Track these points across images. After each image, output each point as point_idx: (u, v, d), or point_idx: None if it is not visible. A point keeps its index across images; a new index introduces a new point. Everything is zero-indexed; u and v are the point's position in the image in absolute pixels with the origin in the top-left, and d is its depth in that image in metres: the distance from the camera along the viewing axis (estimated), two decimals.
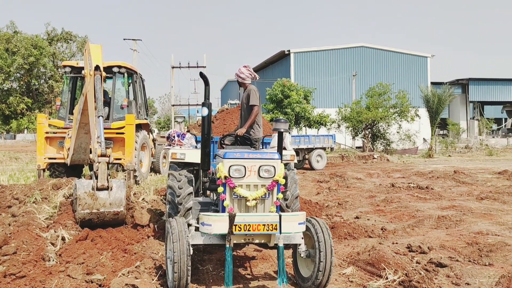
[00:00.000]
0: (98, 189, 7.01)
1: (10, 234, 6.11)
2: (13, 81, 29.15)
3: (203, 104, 5.15)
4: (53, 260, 5.40)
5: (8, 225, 6.54)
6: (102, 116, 7.51)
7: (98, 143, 7.17)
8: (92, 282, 4.64)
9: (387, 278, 4.81)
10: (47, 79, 30.06)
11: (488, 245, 6.04)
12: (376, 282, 4.79)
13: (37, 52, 27.40)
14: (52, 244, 5.94)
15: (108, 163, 7.18)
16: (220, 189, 4.51)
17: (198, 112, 54.09)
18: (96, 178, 7.02)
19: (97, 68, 7.83)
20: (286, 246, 5.29)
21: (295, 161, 6.36)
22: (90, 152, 9.81)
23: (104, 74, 8.02)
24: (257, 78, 6.44)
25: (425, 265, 5.21)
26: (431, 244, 6.22)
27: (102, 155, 7.09)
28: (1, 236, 5.96)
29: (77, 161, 10.44)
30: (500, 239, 6.36)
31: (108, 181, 7.10)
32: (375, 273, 5.09)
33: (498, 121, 54.67)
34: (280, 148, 5.12)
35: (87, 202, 6.99)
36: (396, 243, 6.41)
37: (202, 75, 5.26)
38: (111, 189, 7.12)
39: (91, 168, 12.62)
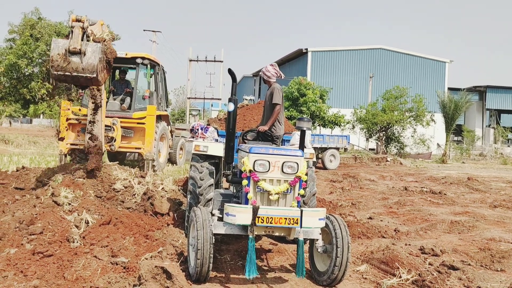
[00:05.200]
0: (71, 52, 6.83)
1: (36, 215, 6.35)
2: (35, 67, 29.71)
3: (230, 100, 5.33)
4: (77, 242, 5.61)
5: (34, 207, 6.76)
6: None
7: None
8: (117, 264, 4.85)
9: (400, 277, 4.95)
10: None
11: (501, 251, 6.13)
12: (390, 280, 4.94)
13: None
14: (76, 226, 6.15)
15: (82, 28, 6.92)
16: (245, 182, 4.69)
17: (212, 106, 54.35)
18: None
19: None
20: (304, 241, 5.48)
21: (314, 159, 6.52)
22: (106, 142, 9.94)
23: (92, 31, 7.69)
24: (283, 77, 6.59)
25: (438, 267, 5.33)
26: (444, 248, 6.33)
27: (77, 20, 6.92)
28: (28, 217, 6.21)
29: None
30: None
31: (81, 45, 6.85)
32: (388, 271, 5.24)
33: None
34: (302, 145, 5.28)
35: (60, 65, 6.83)
36: (409, 244, 6.53)
37: (230, 71, 5.44)
38: (84, 54, 6.89)
39: (109, 156, 12.91)
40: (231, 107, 5.28)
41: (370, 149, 35.79)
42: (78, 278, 4.42)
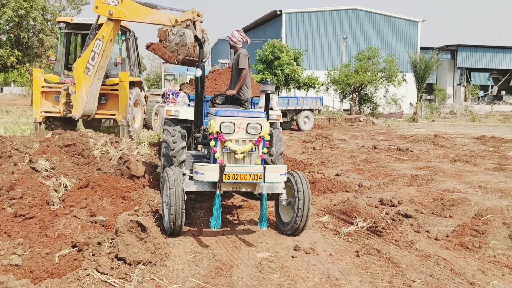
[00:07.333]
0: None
1: (15, 181, 6.60)
2: (2, 34, 28.85)
3: (197, 66, 5.60)
4: (57, 205, 5.92)
5: (12, 173, 6.99)
6: None
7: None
8: (96, 223, 5.21)
9: (357, 225, 5.46)
10: (37, 32, 29.70)
11: (452, 200, 6.70)
12: (347, 228, 5.44)
13: (27, 5, 27.00)
14: (55, 190, 6.45)
15: (201, 22, 9.08)
16: (212, 143, 5.05)
17: (188, 70, 53.83)
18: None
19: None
20: (271, 198, 5.92)
21: (281, 120, 6.89)
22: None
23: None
24: (249, 42, 6.86)
25: (393, 216, 5.86)
26: (401, 199, 6.86)
27: (198, 15, 9.04)
28: (7, 182, 6.46)
29: (87, 113, 10.75)
30: (463, 195, 7.02)
31: (203, 37, 8.92)
32: (347, 220, 5.75)
33: (484, 88, 55.48)
34: (267, 108, 5.63)
35: (190, 52, 8.85)
36: (370, 197, 7.05)
37: (196, 38, 5.69)
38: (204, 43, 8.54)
39: (84, 123, 13.06)
40: (199, 72, 5.56)
41: (344, 110, 36.43)
42: (60, 236, 4.77)
